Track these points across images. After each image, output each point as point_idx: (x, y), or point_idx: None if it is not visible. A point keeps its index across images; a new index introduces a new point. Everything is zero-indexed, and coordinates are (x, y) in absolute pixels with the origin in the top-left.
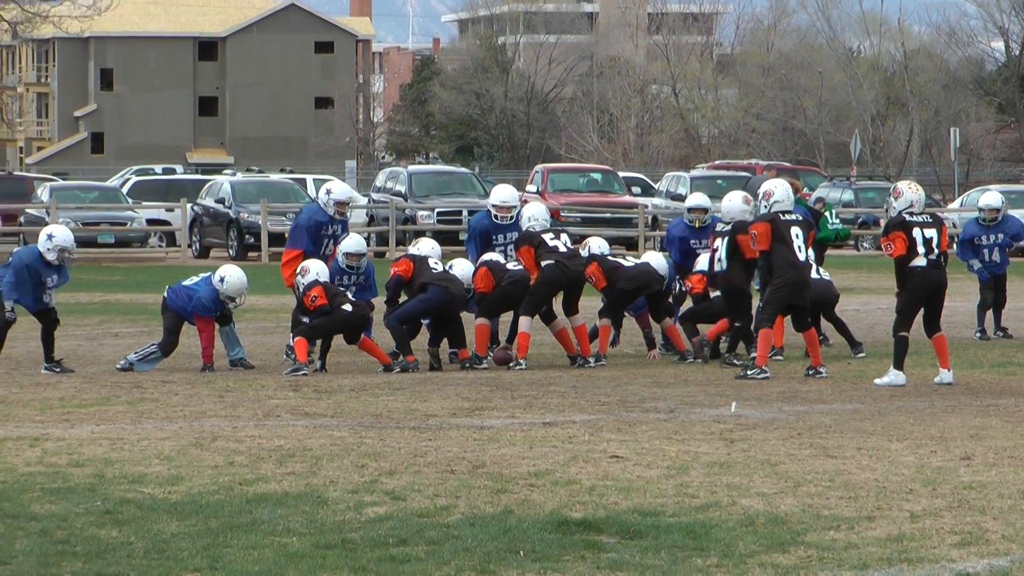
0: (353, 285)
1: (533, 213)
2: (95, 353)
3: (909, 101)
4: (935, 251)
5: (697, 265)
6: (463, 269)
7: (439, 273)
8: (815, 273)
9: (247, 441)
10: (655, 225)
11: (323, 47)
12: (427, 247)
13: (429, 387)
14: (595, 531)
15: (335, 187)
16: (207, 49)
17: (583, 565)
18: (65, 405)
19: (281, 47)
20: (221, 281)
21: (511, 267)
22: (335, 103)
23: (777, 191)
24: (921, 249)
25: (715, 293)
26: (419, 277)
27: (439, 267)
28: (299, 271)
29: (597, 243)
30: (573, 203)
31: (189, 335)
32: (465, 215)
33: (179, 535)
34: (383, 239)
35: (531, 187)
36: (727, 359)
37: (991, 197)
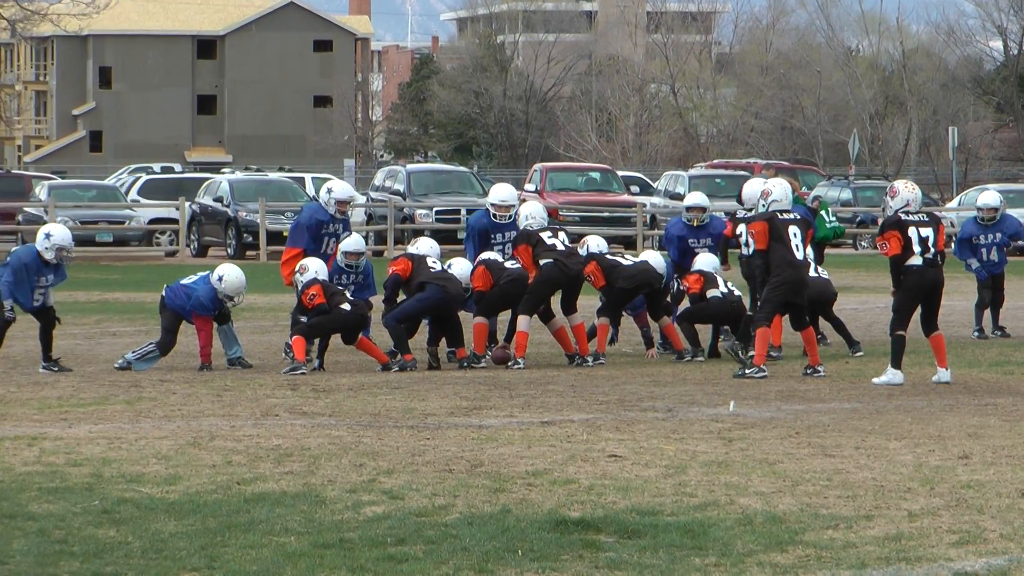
0: (352, 284)
1: (530, 211)
2: (93, 352)
3: (907, 100)
4: (931, 250)
5: (695, 264)
6: (461, 268)
7: (437, 272)
8: (813, 272)
9: (245, 440)
10: (653, 224)
11: (322, 45)
12: (426, 246)
13: (427, 386)
14: (593, 530)
15: (336, 186)
16: (206, 47)
17: (581, 564)
18: (63, 404)
19: (280, 45)
20: (219, 280)
21: (509, 266)
22: (334, 102)
23: (775, 190)
24: (917, 248)
25: (712, 292)
26: (417, 276)
27: (437, 266)
28: (298, 269)
29: (595, 242)
30: (572, 202)
31: (187, 334)
32: (464, 214)
33: (177, 534)
34: (381, 238)
35: (530, 186)
36: (735, 347)
37: (989, 196)
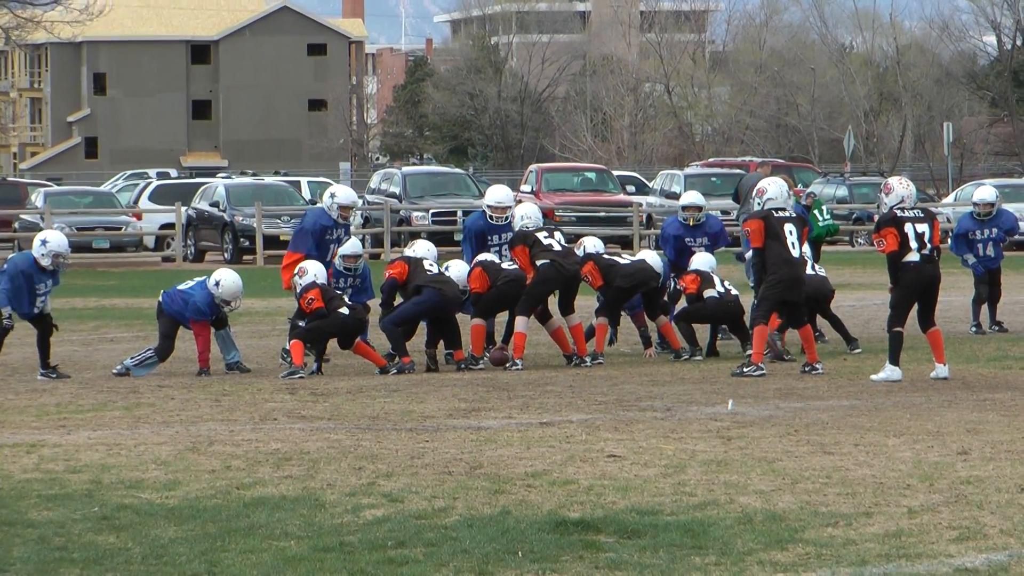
0: (349, 287)
1: (526, 212)
2: (91, 358)
3: (902, 96)
4: (928, 246)
5: (692, 264)
6: (458, 270)
7: (434, 275)
8: (810, 269)
9: (244, 445)
10: (650, 223)
11: (316, 49)
12: (422, 249)
13: (425, 389)
14: (593, 531)
15: (339, 191)
16: (200, 52)
17: (581, 565)
18: (61, 411)
19: (274, 49)
20: (216, 285)
21: (506, 267)
22: (328, 105)
23: (770, 189)
24: (914, 244)
25: (709, 293)
26: (414, 279)
27: (434, 269)
28: (297, 271)
29: (592, 243)
30: (568, 202)
31: (185, 339)
32: (460, 216)
33: (177, 540)
34: (378, 241)
35: (525, 187)
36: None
37: (985, 191)
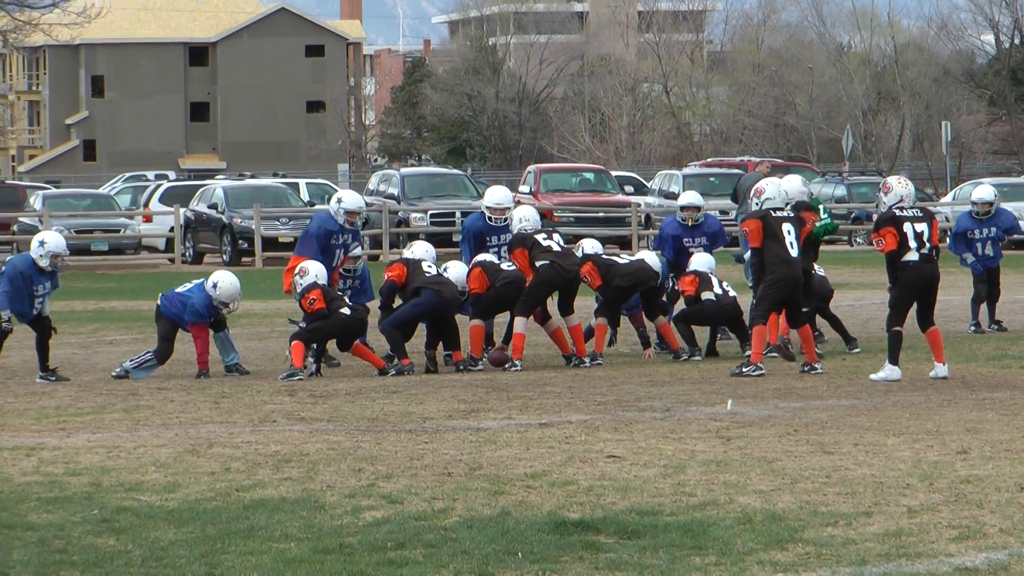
0: (349, 289)
1: (524, 215)
2: (90, 361)
3: (900, 95)
4: (927, 245)
5: (691, 265)
6: (457, 271)
7: (432, 277)
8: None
9: (243, 447)
10: (648, 224)
11: (314, 51)
12: (421, 250)
13: (425, 390)
14: (593, 531)
15: (346, 196)
16: (198, 55)
17: (581, 566)
18: (61, 414)
19: (272, 51)
20: (214, 287)
21: (505, 267)
22: (327, 106)
23: (768, 189)
24: (913, 243)
25: (707, 295)
26: (412, 281)
27: (433, 270)
28: (298, 271)
29: (591, 244)
30: (566, 203)
31: (184, 342)
32: (458, 217)
33: (177, 542)
34: (377, 242)
35: (524, 188)
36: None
37: (984, 191)
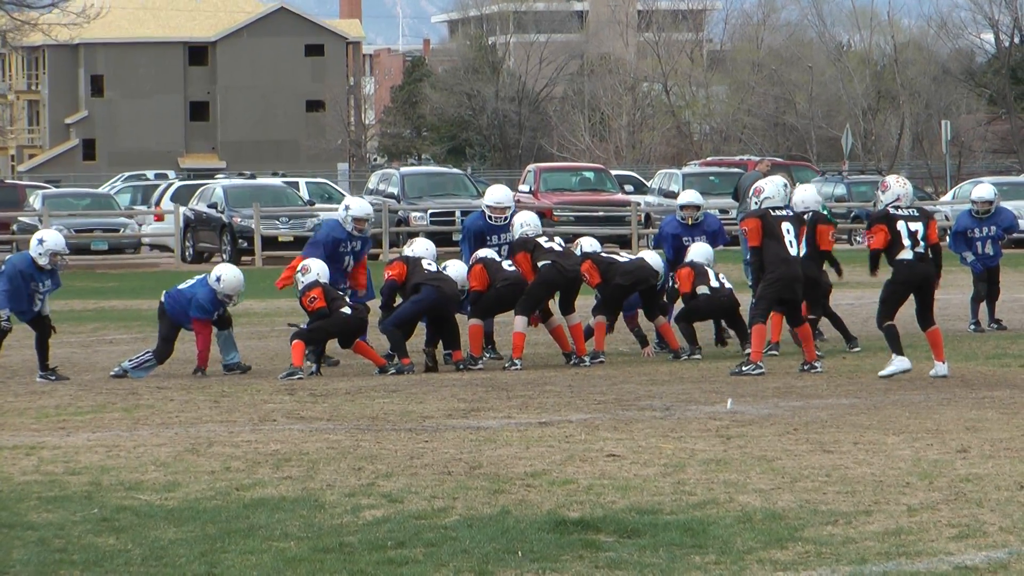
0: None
1: (525, 220)
2: (90, 360)
3: (900, 94)
4: (921, 244)
5: (688, 254)
6: (457, 270)
7: (432, 273)
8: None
9: (243, 446)
10: (648, 223)
11: (313, 50)
12: (421, 248)
13: (425, 389)
14: (593, 530)
15: (354, 203)
16: (197, 54)
17: (581, 565)
18: (61, 413)
19: (271, 51)
20: (217, 280)
21: (507, 267)
22: (326, 106)
23: (768, 188)
24: (907, 242)
25: (701, 289)
26: (412, 278)
27: (433, 267)
28: (300, 269)
29: (589, 242)
30: (566, 202)
31: (185, 340)
32: (458, 216)
33: (176, 541)
34: (377, 241)
35: (523, 187)
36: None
37: (984, 189)
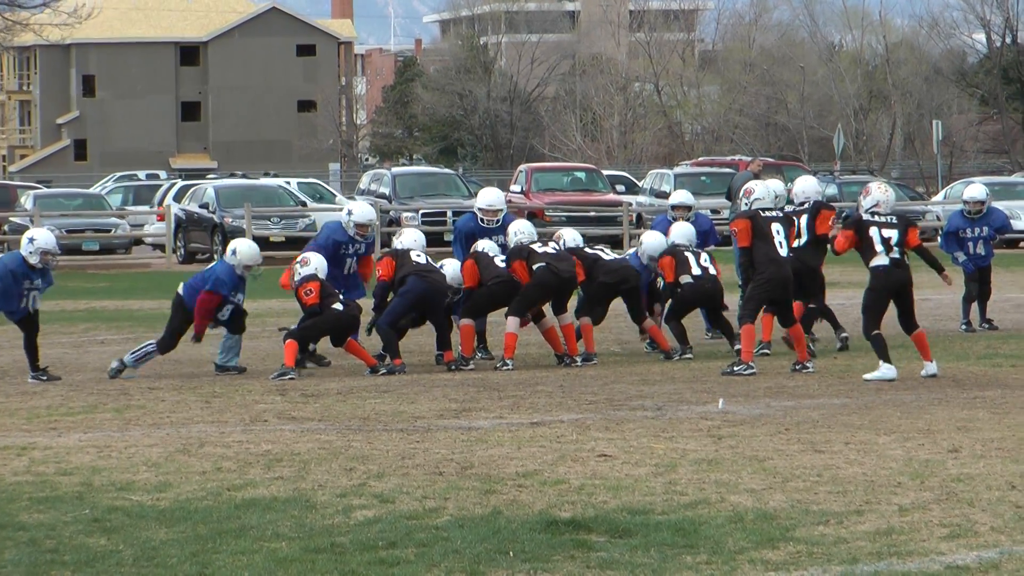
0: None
1: (519, 228)
2: (81, 360)
3: (891, 94)
4: (895, 250)
5: (671, 235)
6: (453, 269)
7: (421, 265)
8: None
9: (235, 446)
10: (639, 223)
11: (305, 50)
12: (410, 239)
13: (416, 389)
14: (584, 530)
15: (356, 208)
16: (189, 54)
17: (573, 565)
18: (52, 413)
19: (263, 51)
20: (233, 253)
21: (499, 263)
22: (318, 106)
23: (758, 189)
24: (880, 248)
25: (684, 278)
26: (400, 271)
27: (422, 259)
28: (299, 260)
29: (571, 235)
30: (557, 202)
31: (189, 342)
32: (450, 216)
33: (168, 542)
34: None
35: (515, 187)
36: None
37: (976, 190)
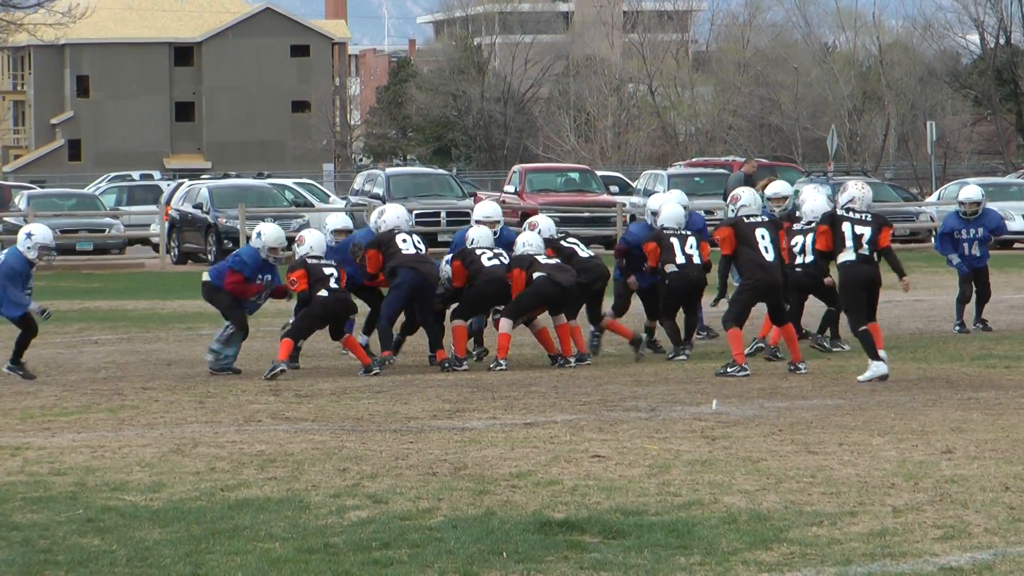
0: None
1: (528, 240)
2: (75, 361)
3: (885, 95)
4: (865, 247)
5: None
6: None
7: (409, 254)
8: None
9: (228, 447)
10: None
11: (299, 50)
12: (392, 216)
13: (410, 389)
14: (578, 531)
15: (331, 220)
16: (183, 54)
17: (566, 565)
18: (46, 414)
19: (257, 51)
20: (258, 236)
21: (487, 262)
22: (312, 106)
23: (744, 196)
24: (849, 243)
25: (669, 268)
26: (388, 260)
27: (408, 244)
28: (296, 240)
29: (546, 223)
30: (551, 203)
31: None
32: (443, 216)
33: (161, 542)
34: None
35: (509, 187)
36: (818, 340)
37: (971, 191)
